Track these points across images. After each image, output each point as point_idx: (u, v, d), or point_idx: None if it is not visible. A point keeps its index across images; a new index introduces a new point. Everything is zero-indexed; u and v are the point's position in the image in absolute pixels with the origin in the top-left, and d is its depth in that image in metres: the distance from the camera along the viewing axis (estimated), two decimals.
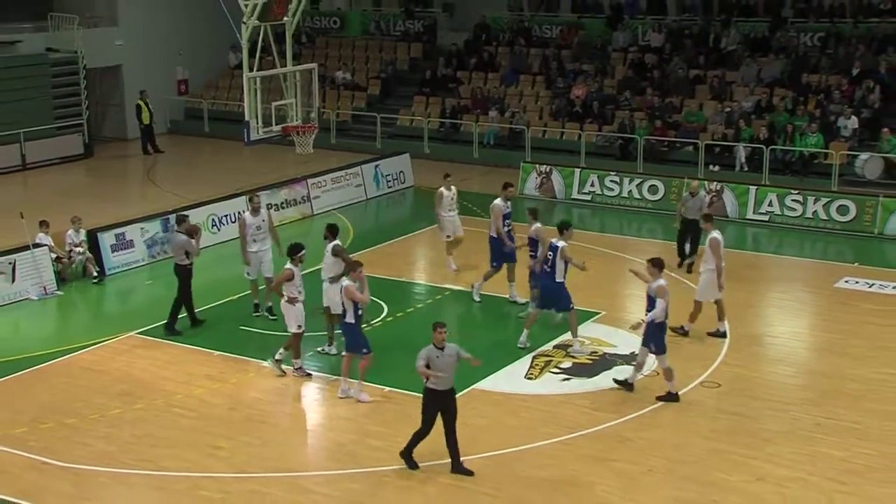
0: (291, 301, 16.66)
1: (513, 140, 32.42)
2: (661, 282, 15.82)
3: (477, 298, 20.15)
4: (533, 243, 18.77)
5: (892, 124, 28.40)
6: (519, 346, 17.90)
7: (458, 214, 21.95)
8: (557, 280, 17.61)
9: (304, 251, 16.99)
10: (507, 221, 19.76)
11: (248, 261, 19.18)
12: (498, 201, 19.81)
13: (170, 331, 18.80)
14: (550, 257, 17.68)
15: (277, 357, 17.00)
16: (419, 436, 13.75)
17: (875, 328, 18.97)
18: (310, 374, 16.97)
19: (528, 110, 33.33)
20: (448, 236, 21.75)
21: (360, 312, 15.95)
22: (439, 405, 13.60)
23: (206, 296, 20.46)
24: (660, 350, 15.94)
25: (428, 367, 13.50)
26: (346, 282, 15.87)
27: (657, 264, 16.08)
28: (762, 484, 13.46)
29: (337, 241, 17.60)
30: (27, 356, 17.93)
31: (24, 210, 22.16)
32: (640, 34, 35.44)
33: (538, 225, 18.80)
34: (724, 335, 18.34)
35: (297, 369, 16.96)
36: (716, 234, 18.38)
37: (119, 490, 13.72)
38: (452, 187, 21.79)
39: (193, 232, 19.18)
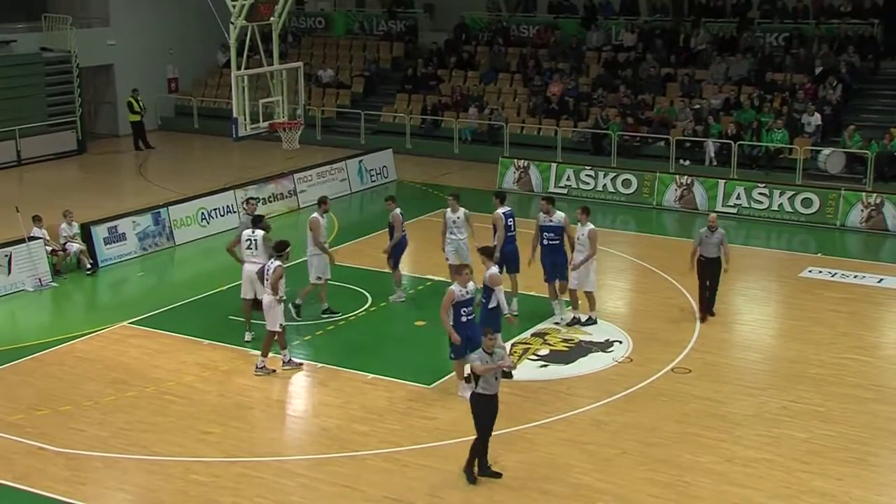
0: (281, 300, 16.62)
1: (491, 136, 32.86)
2: (493, 270, 16.05)
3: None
4: (391, 228, 19.60)
5: (853, 121, 29.09)
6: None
7: (467, 238, 19.43)
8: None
9: (290, 248, 16.98)
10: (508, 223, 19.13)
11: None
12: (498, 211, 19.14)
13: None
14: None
15: (261, 365, 16.87)
16: (480, 445, 13.33)
17: (837, 315, 19.36)
18: (301, 364, 17.00)
19: (506, 107, 33.66)
20: (447, 259, 19.61)
21: (462, 319, 15.45)
22: (490, 409, 13.21)
23: (196, 286, 20.84)
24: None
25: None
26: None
27: (486, 252, 16.41)
28: (730, 465, 13.74)
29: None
30: (23, 345, 18.07)
31: (19, 204, 22.36)
32: (613, 34, 35.92)
33: (397, 210, 19.64)
34: (595, 322, 18.61)
35: (286, 361, 16.93)
36: (591, 225, 18.30)
37: (112, 474, 13.82)
38: (461, 209, 19.35)
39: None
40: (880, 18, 32.62)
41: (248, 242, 17.75)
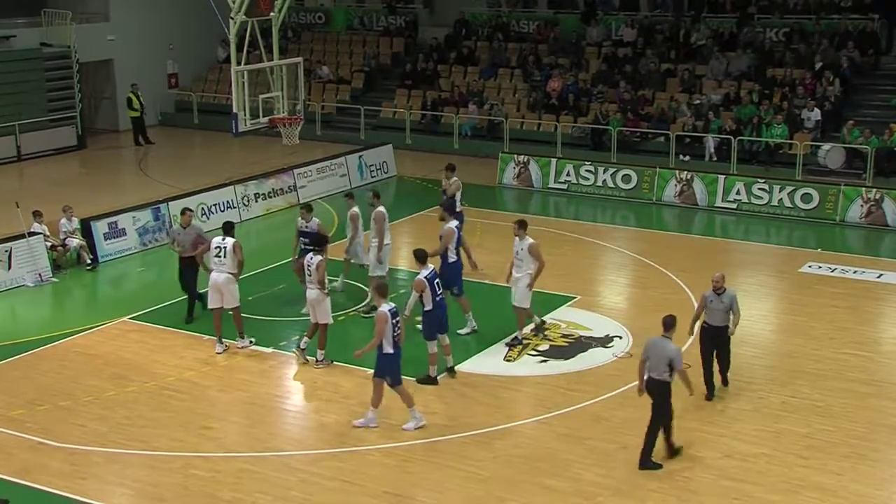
0: (327, 294, 16.78)
1: (491, 131, 32.85)
2: (422, 273, 15.84)
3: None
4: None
5: (853, 116, 29.11)
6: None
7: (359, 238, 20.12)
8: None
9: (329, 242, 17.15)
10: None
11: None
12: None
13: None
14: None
15: (303, 346, 17.03)
16: (660, 429, 13.57)
17: (836, 311, 19.41)
18: (332, 361, 16.95)
19: (506, 103, 33.66)
20: (361, 265, 20.11)
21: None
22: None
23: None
24: (428, 337, 16.15)
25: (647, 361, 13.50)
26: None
27: (419, 256, 16.12)
28: (730, 460, 13.81)
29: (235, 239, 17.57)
30: (24, 341, 18.11)
31: (19, 200, 22.34)
32: (613, 29, 35.90)
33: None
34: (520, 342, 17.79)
35: (321, 360, 16.93)
36: (531, 240, 17.43)
37: (113, 469, 13.88)
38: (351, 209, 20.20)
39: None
40: (881, 13, 32.61)
41: (218, 250, 17.41)
